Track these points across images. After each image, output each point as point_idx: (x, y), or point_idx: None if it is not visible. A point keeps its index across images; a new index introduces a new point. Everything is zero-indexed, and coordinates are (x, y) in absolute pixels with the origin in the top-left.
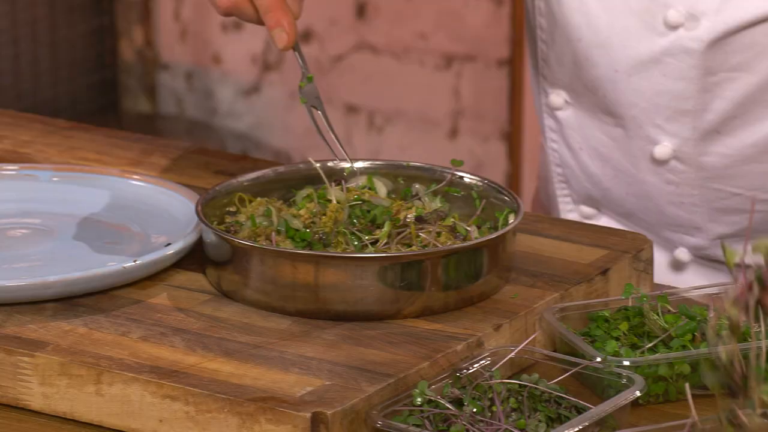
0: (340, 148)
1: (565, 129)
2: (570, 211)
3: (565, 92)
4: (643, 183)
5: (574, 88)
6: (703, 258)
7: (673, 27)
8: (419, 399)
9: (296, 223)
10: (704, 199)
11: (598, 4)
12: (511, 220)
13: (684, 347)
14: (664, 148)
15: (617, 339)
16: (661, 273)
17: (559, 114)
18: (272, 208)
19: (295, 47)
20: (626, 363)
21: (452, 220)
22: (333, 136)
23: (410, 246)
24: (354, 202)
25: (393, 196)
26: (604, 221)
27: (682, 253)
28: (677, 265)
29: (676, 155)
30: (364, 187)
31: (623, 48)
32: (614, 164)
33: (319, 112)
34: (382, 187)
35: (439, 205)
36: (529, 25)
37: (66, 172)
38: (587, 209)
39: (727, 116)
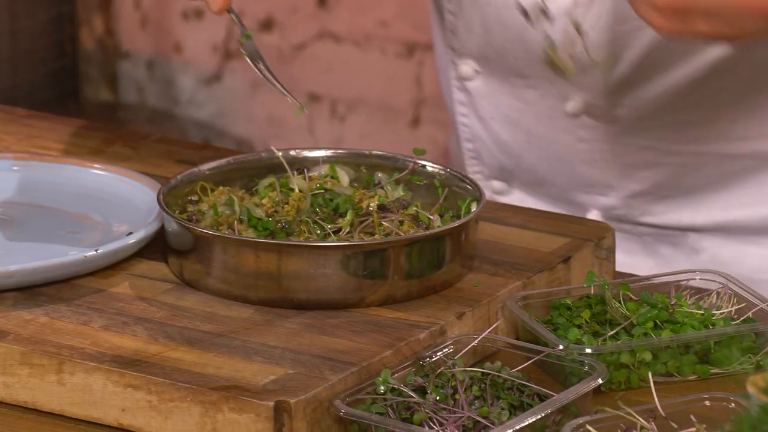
0: (286, 93)
1: (475, 100)
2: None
3: (475, 61)
4: (555, 144)
5: (484, 55)
6: (614, 219)
7: None
8: (382, 387)
9: (258, 212)
10: (616, 154)
11: None
12: (473, 209)
13: (646, 335)
14: (575, 104)
15: (579, 327)
16: None
17: (469, 85)
18: (234, 197)
19: (230, 10)
20: (588, 351)
21: (415, 208)
22: (278, 84)
23: (373, 235)
24: (316, 191)
25: (355, 184)
26: (516, 195)
27: (595, 216)
28: None
29: (588, 110)
30: (326, 176)
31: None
32: (526, 128)
33: (262, 65)
34: (344, 176)
35: (402, 193)
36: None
37: (26, 161)
38: (499, 184)
39: (636, 66)
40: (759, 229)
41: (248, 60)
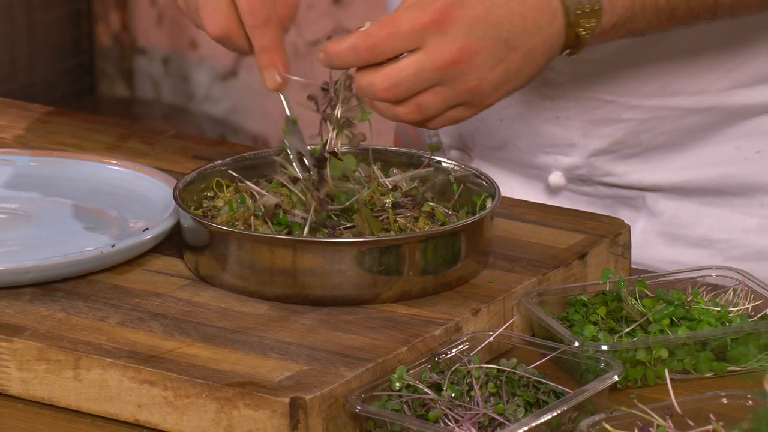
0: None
1: None
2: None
3: None
4: (518, 103)
5: None
6: (576, 180)
7: None
8: (398, 384)
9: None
10: (579, 110)
11: None
12: (488, 205)
13: (662, 332)
14: None
15: (595, 323)
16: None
17: None
18: (246, 195)
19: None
20: (604, 347)
21: (431, 205)
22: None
23: (388, 231)
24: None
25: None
26: (475, 163)
27: (557, 177)
28: (551, 191)
29: (552, 65)
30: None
31: None
32: None
33: (305, 157)
34: (351, 161)
35: (414, 184)
36: None
37: (43, 156)
38: (456, 153)
39: None
40: (715, 190)
41: (288, 152)
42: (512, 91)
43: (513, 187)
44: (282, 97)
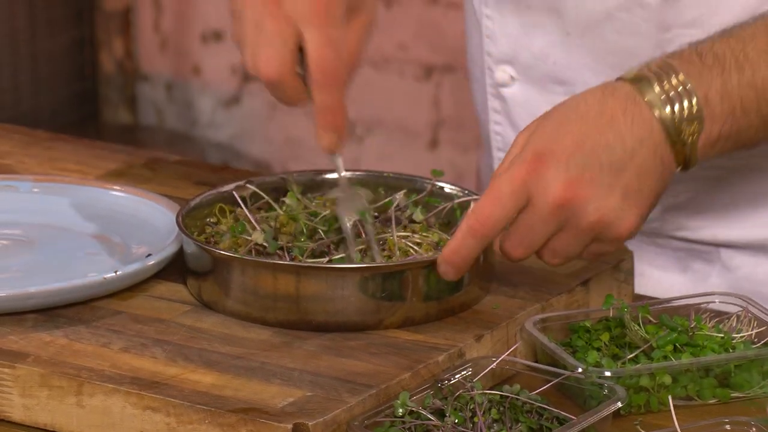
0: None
1: (510, 107)
2: None
3: (511, 67)
4: None
5: (521, 60)
6: (649, 233)
7: None
8: (401, 410)
9: (258, 236)
10: None
11: None
12: None
13: (665, 358)
14: None
15: (598, 350)
16: None
17: (505, 92)
18: (245, 222)
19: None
20: (608, 374)
21: (437, 234)
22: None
23: (390, 257)
24: (310, 213)
25: (373, 211)
26: None
27: None
28: None
29: None
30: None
31: (575, 8)
32: None
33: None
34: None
35: (420, 215)
36: (470, 6)
37: (46, 183)
38: None
39: None
40: None
41: (344, 223)
42: (647, 212)
43: None
44: (336, 160)
